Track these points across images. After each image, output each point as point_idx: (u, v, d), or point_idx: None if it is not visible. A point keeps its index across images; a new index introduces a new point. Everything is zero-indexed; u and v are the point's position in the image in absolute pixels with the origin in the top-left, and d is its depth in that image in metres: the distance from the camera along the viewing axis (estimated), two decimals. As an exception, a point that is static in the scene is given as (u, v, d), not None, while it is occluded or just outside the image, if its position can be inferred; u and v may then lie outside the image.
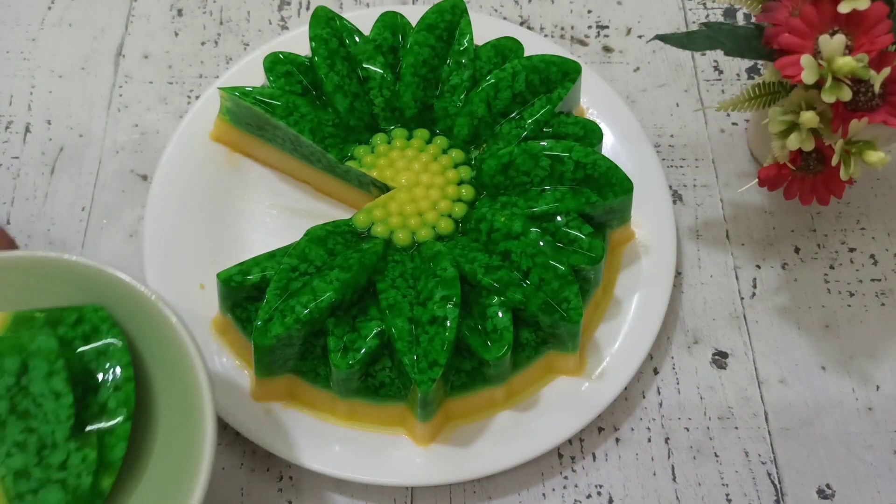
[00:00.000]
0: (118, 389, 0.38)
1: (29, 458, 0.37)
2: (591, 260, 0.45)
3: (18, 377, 0.37)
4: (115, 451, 0.37)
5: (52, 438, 0.37)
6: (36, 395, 0.37)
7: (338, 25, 0.51)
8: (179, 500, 0.36)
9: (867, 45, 0.42)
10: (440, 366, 0.41)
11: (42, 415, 0.37)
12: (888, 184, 0.56)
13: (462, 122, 0.49)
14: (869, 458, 0.47)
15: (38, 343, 0.37)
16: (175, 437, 0.38)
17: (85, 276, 0.39)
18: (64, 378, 0.37)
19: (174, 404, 0.39)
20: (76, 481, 0.37)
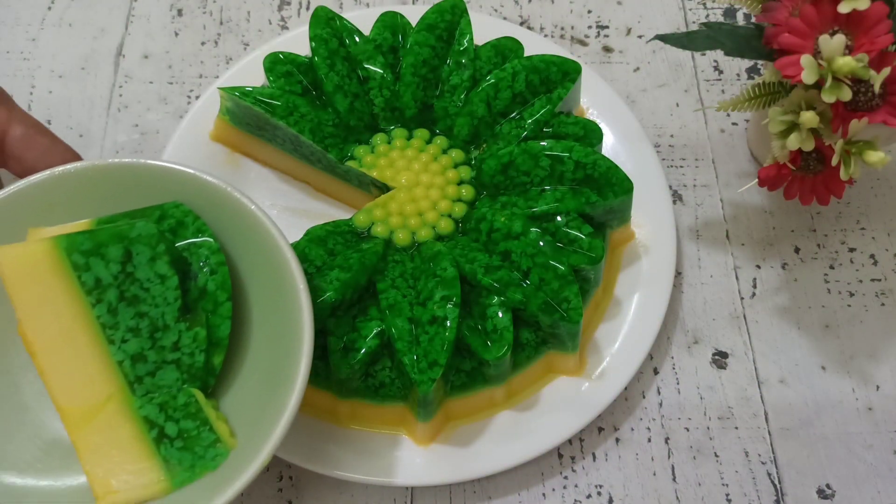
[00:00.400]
0: (214, 273, 0.39)
1: (143, 341, 0.38)
2: (591, 260, 0.45)
3: (123, 264, 0.38)
4: (220, 329, 0.39)
5: (163, 321, 0.38)
6: (143, 281, 0.38)
7: (338, 25, 0.51)
8: (286, 372, 0.37)
9: (867, 45, 0.42)
10: (440, 366, 0.41)
11: (150, 299, 0.38)
12: (888, 184, 0.56)
13: (462, 122, 0.49)
14: (869, 458, 0.47)
15: (139, 229, 0.38)
16: (271, 315, 0.39)
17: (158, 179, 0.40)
18: (167, 261, 0.38)
19: (264, 285, 0.40)
20: (190, 360, 0.38)
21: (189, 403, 0.38)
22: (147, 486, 0.37)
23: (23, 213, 0.39)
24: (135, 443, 0.38)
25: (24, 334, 0.37)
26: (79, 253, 0.37)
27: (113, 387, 0.38)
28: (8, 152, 0.41)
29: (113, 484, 0.37)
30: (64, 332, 0.37)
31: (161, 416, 0.38)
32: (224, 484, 0.35)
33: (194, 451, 0.37)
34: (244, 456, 0.36)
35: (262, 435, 0.36)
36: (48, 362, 0.37)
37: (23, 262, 0.37)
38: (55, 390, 0.37)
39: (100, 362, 0.38)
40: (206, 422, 0.38)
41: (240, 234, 0.40)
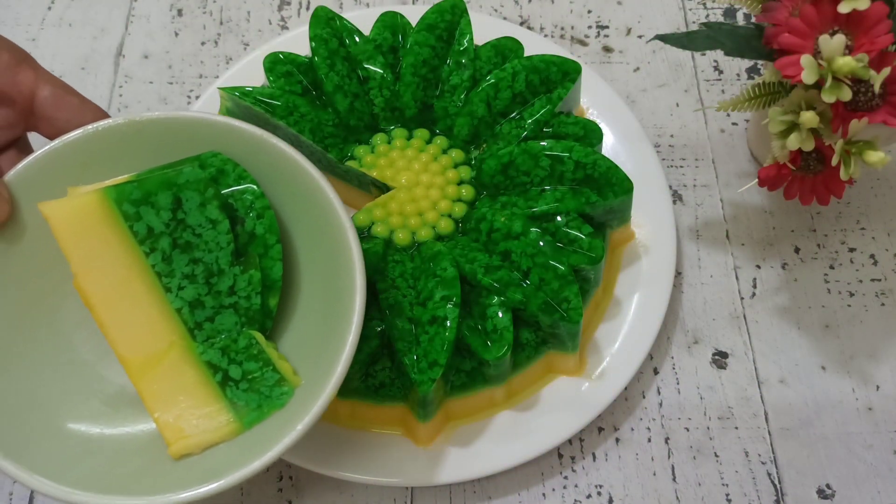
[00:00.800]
0: (261, 217, 0.39)
1: (199, 287, 0.38)
2: (591, 260, 0.45)
3: (174, 211, 0.38)
4: (273, 271, 0.39)
5: (217, 266, 0.38)
6: (194, 227, 0.38)
7: (338, 25, 0.51)
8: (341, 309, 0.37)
9: (867, 45, 0.42)
10: (440, 366, 0.41)
11: (203, 244, 0.38)
12: (888, 184, 0.56)
13: (462, 122, 0.49)
14: (869, 458, 0.47)
15: (186, 175, 0.38)
16: (318, 255, 0.39)
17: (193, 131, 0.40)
18: (217, 206, 0.38)
19: (308, 227, 0.40)
20: (246, 303, 0.38)
21: (250, 346, 0.38)
22: (217, 428, 0.37)
23: (59, 172, 0.39)
24: (200, 388, 0.38)
25: (81, 288, 0.37)
26: (129, 202, 0.37)
27: (173, 334, 0.38)
28: (38, 113, 0.40)
29: (184, 429, 0.37)
30: (120, 283, 0.37)
31: (224, 360, 0.38)
32: (293, 420, 0.35)
33: (260, 391, 0.38)
34: (309, 393, 0.37)
35: (325, 371, 0.36)
36: (107, 314, 0.37)
37: (74, 215, 0.37)
38: (116, 341, 0.38)
39: (158, 311, 0.38)
40: (269, 362, 0.38)
41: (279, 178, 0.40)
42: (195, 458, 0.37)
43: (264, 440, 0.36)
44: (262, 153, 0.39)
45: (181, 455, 0.37)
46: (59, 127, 0.40)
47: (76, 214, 0.37)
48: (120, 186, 0.37)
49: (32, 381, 0.38)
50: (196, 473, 0.36)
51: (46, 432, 0.37)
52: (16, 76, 0.40)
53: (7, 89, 0.40)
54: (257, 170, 0.39)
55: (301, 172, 0.39)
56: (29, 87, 0.40)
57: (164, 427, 0.37)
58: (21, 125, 0.41)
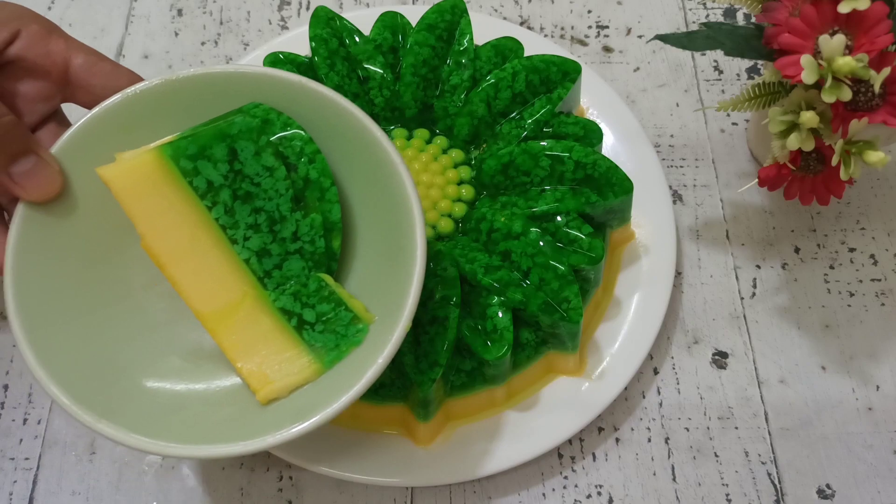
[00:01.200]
0: (312, 161, 0.39)
1: (264, 236, 0.38)
2: (591, 260, 0.45)
3: (230, 163, 0.38)
4: (332, 213, 0.39)
5: (279, 213, 0.39)
6: (252, 176, 0.38)
7: (338, 25, 0.51)
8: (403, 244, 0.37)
9: (867, 45, 0.42)
10: (440, 366, 0.42)
11: (263, 193, 0.38)
12: (888, 184, 0.56)
13: (462, 122, 0.49)
14: (869, 458, 0.47)
15: (238, 125, 0.38)
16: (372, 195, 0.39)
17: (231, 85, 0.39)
18: (271, 153, 0.38)
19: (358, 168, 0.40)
20: (311, 247, 0.39)
21: (320, 288, 0.39)
22: (300, 371, 0.38)
23: (104, 139, 0.39)
24: (278, 334, 0.38)
25: (150, 248, 0.37)
26: (185, 158, 0.37)
27: (245, 285, 0.38)
28: (74, 82, 0.40)
29: (268, 374, 0.38)
30: (187, 239, 0.38)
31: (297, 305, 0.38)
32: (373, 355, 0.36)
33: (336, 331, 0.38)
34: (384, 327, 0.37)
35: (396, 304, 0.36)
36: (178, 271, 0.38)
37: (133, 176, 0.37)
38: (191, 297, 0.38)
39: (227, 263, 0.38)
40: (341, 302, 0.38)
41: (322, 123, 0.39)
42: (283, 401, 0.38)
43: (347, 377, 0.36)
44: (302, 99, 0.39)
45: (269, 400, 0.37)
46: (95, 94, 0.40)
47: (136, 175, 0.37)
48: (175, 143, 0.37)
49: (113, 345, 0.39)
50: (288, 414, 0.36)
51: (133, 392, 0.38)
52: (48, 46, 0.39)
53: (41, 61, 0.39)
54: (299, 116, 0.39)
55: (344, 113, 0.39)
56: (62, 56, 0.40)
57: (248, 375, 0.38)
58: (58, 96, 0.41)
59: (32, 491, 0.47)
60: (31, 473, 0.47)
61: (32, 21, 0.39)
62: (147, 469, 0.47)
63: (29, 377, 0.50)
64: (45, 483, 0.47)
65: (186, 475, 0.47)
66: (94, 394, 0.36)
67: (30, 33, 0.39)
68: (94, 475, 0.47)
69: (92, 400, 0.36)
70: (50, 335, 0.37)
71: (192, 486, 0.47)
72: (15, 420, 0.49)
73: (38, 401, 0.49)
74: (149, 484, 0.47)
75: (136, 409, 0.37)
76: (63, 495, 0.47)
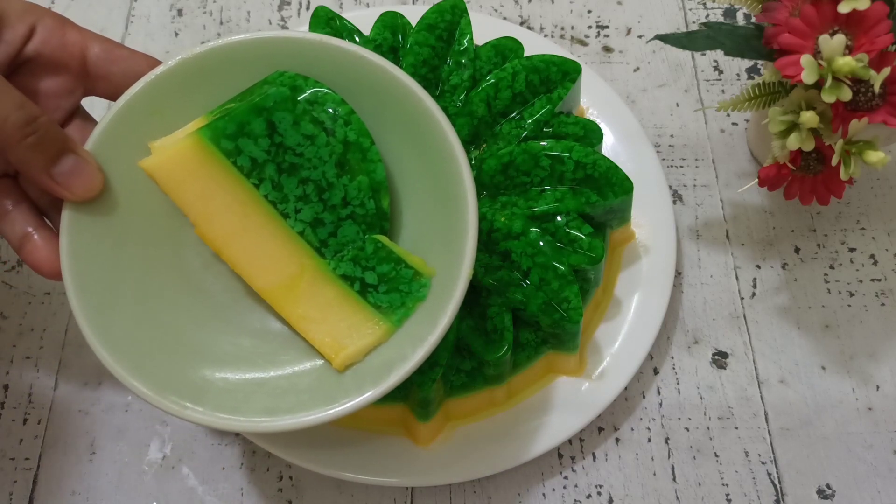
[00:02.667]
0: (348, 123, 0.39)
1: (315, 206, 0.38)
2: (591, 260, 0.45)
3: (270, 136, 0.38)
4: (377, 173, 0.39)
5: (326, 180, 0.38)
6: (294, 147, 0.38)
7: (338, 25, 0.51)
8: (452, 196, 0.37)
9: (867, 45, 0.42)
10: (440, 366, 0.41)
11: (307, 162, 0.38)
12: (888, 184, 0.56)
13: (462, 122, 0.49)
14: (869, 458, 0.47)
15: (272, 97, 0.37)
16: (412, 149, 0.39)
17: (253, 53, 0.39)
18: (309, 119, 0.38)
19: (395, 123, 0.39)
20: (362, 210, 0.39)
21: (378, 249, 0.39)
22: (371, 332, 0.38)
23: (136, 127, 0.39)
24: (343, 301, 0.38)
25: (204, 234, 0.37)
26: (225, 138, 0.37)
27: (303, 257, 0.38)
28: (93, 73, 0.39)
29: (341, 341, 0.38)
30: (239, 220, 0.38)
31: (357, 270, 0.38)
32: (442, 306, 0.36)
33: (399, 289, 0.38)
34: (447, 278, 0.37)
35: (455, 255, 0.36)
36: (235, 253, 0.38)
37: (176, 165, 0.37)
38: (252, 276, 0.38)
39: (282, 238, 0.38)
40: (400, 260, 0.38)
41: (350, 81, 0.39)
42: (360, 365, 0.38)
43: (419, 331, 0.36)
44: (324, 59, 0.39)
45: (346, 366, 0.38)
46: (116, 83, 0.39)
47: (178, 164, 0.37)
48: (212, 124, 0.37)
49: (182, 331, 0.39)
50: (369, 375, 0.36)
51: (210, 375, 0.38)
52: (64, 39, 0.38)
53: (59, 54, 0.39)
54: (323, 78, 0.39)
55: (371, 67, 0.38)
56: (79, 47, 0.39)
57: (321, 346, 0.38)
58: (80, 89, 0.40)
59: (32, 491, 0.47)
60: (31, 473, 0.47)
61: (45, 14, 0.39)
62: (147, 469, 0.47)
63: (29, 377, 0.50)
64: (45, 483, 0.47)
65: (186, 475, 0.47)
66: (173, 381, 0.37)
67: (45, 27, 0.38)
68: (94, 475, 0.47)
69: (172, 388, 0.36)
70: (120, 332, 0.37)
71: (192, 486, 0.47)
72: (15, 420, 0.49)
73: (38, 401, 0.49)
74: (149, 484, 0.47)
75: (216, 392, 0.37)
76: (63, 495, 0.47)
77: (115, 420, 0.48)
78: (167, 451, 0.48)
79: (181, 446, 0.48)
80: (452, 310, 0.36)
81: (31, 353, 0.50)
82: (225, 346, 0.39)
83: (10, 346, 0.51)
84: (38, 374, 0.50)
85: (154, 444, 0.48)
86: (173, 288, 0.40)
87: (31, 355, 0.50)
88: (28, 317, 0.51)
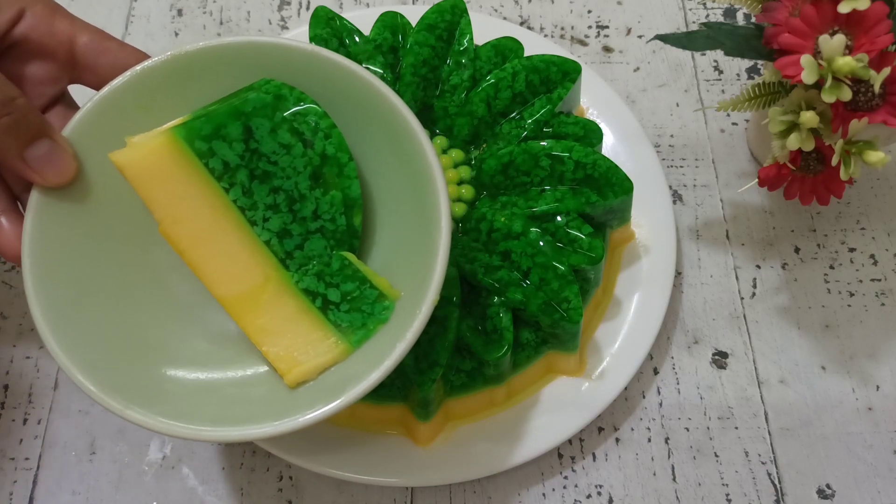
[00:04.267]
0: (328, 137, 0.38)
1: (284, 216, 0.38)
2: (591, 260, 0.45)
3: (246, 142, 0.37)
4: (351, 189, 0.38)
5: (298, 191, 0.38)
6: (269, 155, 0.37)
7: (338, 25, 0.51)
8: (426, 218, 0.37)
9: (867, 45, 0.42)
10: (440, 366, 0.41)
11: (281, 171, 0.37)
12: (888, 184, 0.56)
13: (462, 122, 0.49)
14: (869, 458, 0.47)
15: (252, 102, 0.37)
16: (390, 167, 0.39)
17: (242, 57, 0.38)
18: (287, 129, 0.37)
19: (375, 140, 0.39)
20: (332, 225, 0.38)
21: (344, 267, 0.38)
22: (327, 351, 0.37)
23: (117, 119, 0.38)
24: (303, 316, 0.37)
25: (167, 234, 0.37)
26: (200, 139, 0.36)
27: (267, 267, 0.37)
28: (81, 62, 0.39)
29: (296, 357, 0.37)
30: (205, 223, 0.37)
31: (321, 285, 0.38)
32: (402, 331, 0.35)
33: (362, 309, 0.37)
34: (412, 303, 0.36)
35: (422, 279, 0.35)
36: (198, 257, 0.37)
37: (147, 161, 0.36)
38: (212, 283, 0.37)
39: (248, 246, 0.37)
40: (365, 280, 0.38)
41: (337, 93, 0.38)
42: (312, 383, 0.37)
43: (376, 354, 0.35)
44: (314, 69, 0.38)
45: (298, 382, 0.37)
46: (102, 74, 0.39)
47: (149, 160, 0.36)
48: (188, 124, 0.36)
49: (139, 329, 0.38)
50: (318, 395, 0.36)
51: (161, 377, 0.37)
52: (52, 26, 0.38)
53: (46, 41, 0.38)
54: (312, 87, 0.38)
55: (359, 81, 0.38)
56: (67, 35, 0.39)
57: (275, 359, 0.37)
58: (65, 78, 0.40)
59: (32, 491, 0.47)
60: (31, 473, 0.47)
61: (37, 2, 0.38)
62: (147, 469, 0.47)
63: (29, 377, 0.50)
64: (45, 483, 0.47)
65: (186, 475, 0.47)
66: (122, 380, 0.36)
67: (34, 13, 0.38)
68: (94, 475, 0.47)
69: (119, 386, 0.35)
70: (73, 322, 0.36)
71: (192, 486, 0.47)
72: (15, 420, 0.49)
73: (38, 401, 0.49)
74: (149, 484, 0.47)
75: (165, 394, 0.36)
76: (63, 495, 0.47)
77: (115, 420, 0.48)
78: (167, 451, 0.48)
79: (181, 446, 0.48)
80: (412, 336, 0.35)
81: (31, 353, 0.50)
82: (182, 349, 0.38)
83: (10, 346, 0.51)
84: (38, 375, 0.50)
85: (154, 444, 0.48)
86: (137, 283, 0.39)
87: (31, 355, 0.50)
88: (28, 317, 0.51)
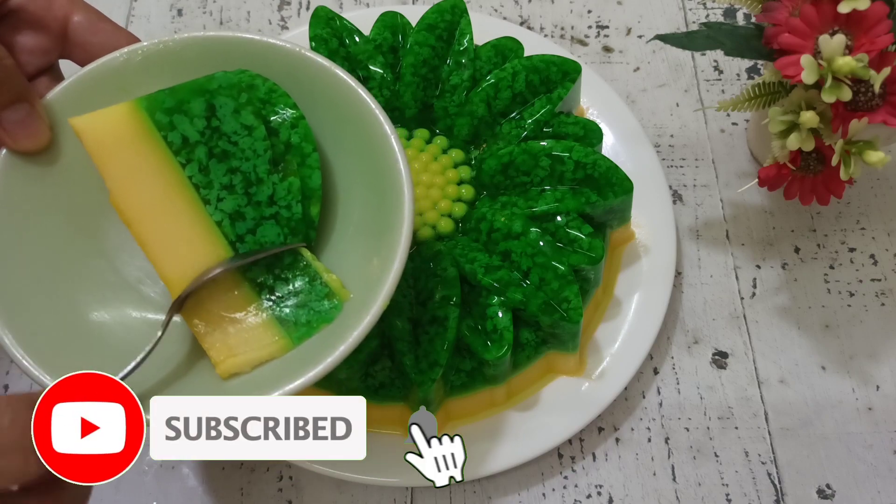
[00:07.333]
0: (295, 127, 0.38)
1: (239, 198, 0.37)
2: (591, 260, 0.45)
3: (208, 119, 0.37)
4: (312, 180, 0.38)
5: (256, 174, 0.37)
6: (230, 134, 0.37)
7: (338, 25, 0.51)
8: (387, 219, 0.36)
9: (867, 45, 0.42)
10: (440, 366, 0.41)
11: (240, 153, 0.37)
12: (888, 184, 0.56)
13: (462, 122, 0.49)
14: (869, 458, 0.47)
15: (218, 80, 0.37)
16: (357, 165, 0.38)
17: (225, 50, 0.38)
18: (252, 111, 0.37)
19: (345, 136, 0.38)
20: (287, 213, 0.37)
21: (296, 260, 0.37)
22: (266, 345, 0.36)
23: (97, 96, 0.37)
24: (247, 305, 0.37)
25: (117, 204, 0.36)
26: (161, 112, 0.36)
27: (217, 248, 0.37)
28: (72, 39, 0.39)
29: (232, 347, 0.36)
30: (157, 197, 0.36)
31: (269, 277, 0.37)
32: (344, 333, 0.34)
33: (308, 306, 0.37)
34: (360, 305, 0.35)
35: (375, 283, 0.35)
36: (145, 230, 0.36)
37: (105, 128, 0.36)
38: (157, 259, 0.36)
39: (199, 225, 0.37)
40: (316, 276, 0.37)
41: (319, 93, 0.38)
42: (245, 376, 0.36)
43: (315, 354, 0.34)
44: (298, 68, 0.38)
45: (230, 374, 0.36)
46: (92, 53, 0.39)
47: (108, 127, 0.36)
48: (151, 96, 0.36)
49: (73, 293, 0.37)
50: (252, 385, 0.35)
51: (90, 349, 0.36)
52: (50, 1, 0.39)
53: (42, 13, 0.39)
54: (294, 85, 0.38)
55: (339, 83, 0.38)
56: (63, 11, 0.39)
57: (210, 347, 0.36)
58: (55, 51, 0.40)
59: (32, 491, 0.47)
60: (31, 473, 0.47)
61: None
62: (147, 469, 0.47)
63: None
64: (45, 483, 0.47)
65: (186, 475, 0.47)
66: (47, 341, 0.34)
67: None
68: (94, 475, 0.47)
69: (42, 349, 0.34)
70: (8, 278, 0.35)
71: (192, 486, 0.47)
72: (15, 420, 0.48)
73: (38, 401, 0.49)
74: (149, 484, 0.47)
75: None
76: (63, 495, 0.47)
77: (115, 420, 0.48)
78: (167, 451, 0.48)
79: (181, 446, 0.48)
80: (356, 339, 0.33)
81: (31, 353, 0.50)
82: (115, 328, 0.37)
83: (10, 346, 0.51)
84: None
85: (154, 444, 0.48)
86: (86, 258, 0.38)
87: (31, 355, 0.50)
88: (28, 317, 0.51)
